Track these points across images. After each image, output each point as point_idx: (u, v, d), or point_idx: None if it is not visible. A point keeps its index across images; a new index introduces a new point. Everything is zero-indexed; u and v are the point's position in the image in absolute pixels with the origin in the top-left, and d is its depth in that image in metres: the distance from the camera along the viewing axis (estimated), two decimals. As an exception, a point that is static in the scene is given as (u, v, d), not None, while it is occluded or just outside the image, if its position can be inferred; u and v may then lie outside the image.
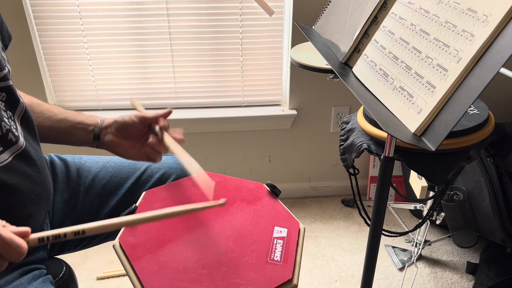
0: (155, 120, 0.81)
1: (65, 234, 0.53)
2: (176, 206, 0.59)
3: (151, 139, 0.79)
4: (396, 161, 0.88)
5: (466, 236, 1.40)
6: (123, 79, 1.65)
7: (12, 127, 0.67)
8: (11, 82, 0.69)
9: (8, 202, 0.66)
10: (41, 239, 0.53)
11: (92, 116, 0.85)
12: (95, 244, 0.92)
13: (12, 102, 0.70)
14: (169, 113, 0.82)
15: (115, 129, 0.82)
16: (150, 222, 0.59)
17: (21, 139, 0.69)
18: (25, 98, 0.82)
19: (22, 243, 0.51)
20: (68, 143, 0.85)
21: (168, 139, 0.78)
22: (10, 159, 0.66)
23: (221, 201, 0.61)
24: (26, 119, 0.73)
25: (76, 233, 0.54)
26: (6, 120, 0.66)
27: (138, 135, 0.82)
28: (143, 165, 0.92)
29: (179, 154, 0.75)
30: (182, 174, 0.92)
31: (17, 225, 0.68)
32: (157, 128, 0.80)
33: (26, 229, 0.52)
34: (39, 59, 1.57)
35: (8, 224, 0.51)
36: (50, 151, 0.94)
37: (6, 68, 0.68)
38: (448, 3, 0.66)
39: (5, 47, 0.73)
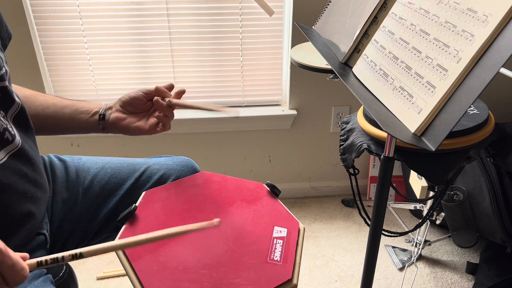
0: (158, 92, 0.83)
1: (63, 258, 0.55)
2: (171, 228, 0.59)
3: (159, 101, 0.82)
4: (396, 161, 0.88)
5: (466, 236, 1.40)
6: (123, 79, 1.65)
7: (8, 126, 0.68)
8: (7, 83, 0.69)
9: (3, 201, 0.66)
10: (39, 263, 0.54)
11: (95, 102, 0.87)
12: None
13: (7, 102, 0.70)
14: (172, 86, 0.86)
15: (120, 106, 0.84)
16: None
17: (17, 138, 0.69)
18: (27, 91, 0.83)
19: (25, 266, 0.51)
20: (73, 130, 0.86)
21: (174, 100, 0.84)
22: (5, 158, 0.66)
23: (215, 222, 0.61)
24: (21, 118, 0.73)
25: (74, 256, 0.55)
26: (2, 119, 0.67)
27: (144, 109, 0.85)
28: (142, 165, 0.92)
29: (189, 104, 0.81)
30: (181, 175, 0.92)
31: (16, 224, 0.69)
32: (160, 99, 0.83)
33: (25, 254, 0.53)
34: (39, 59, 1.57)
35: (8, 248, 0.51)
36: (50, 152, 0.94)
37: (4, 68, 0.68)
38: (448, 3, 0.66)
39: (4, 46, 0.73)
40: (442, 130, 0.60)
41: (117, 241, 0.58)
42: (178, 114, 1.67)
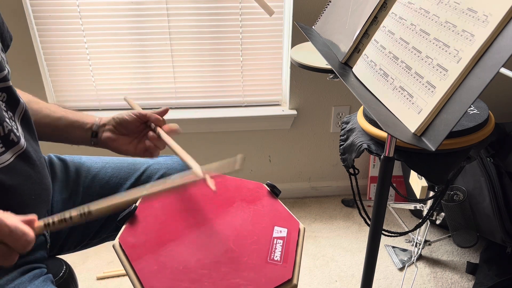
0: (152, 117, 0.82)
1: (70, 217, 0.52)
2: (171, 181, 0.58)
3: (150, 133, 0.81)
4: (396, 161, 0.88)
5: (466, 236, 1.40)
6: (123, 79, 1.65)
7: (13, 128, 0.67)
8: (10, 83, 0.69)
9: (9, 203, 0.66)
10: (47, 224, 0.52)
11: (89, 116, 0.86)
12: (95, 244, 0.92)
13: (13, 102, 0.70)
14: (166, 111, 0.84)
15: (113, 126, 0.83)
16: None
17: (22, 140, 0.69)
18: (23, 95, 0.82)
19: (28, 230, 0.49)
20: (66, 141, 0.85)
21: (164, 135, 0.81)
22: (12, 159, 0.66)
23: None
24: (26, 119, 0.73)
25: (82, 214, 0.53)
26: (7, 120, 0.66)
27: (135, 132, 0.84)
28: (142, 165, 0.92)
29: (175, 149, 0.78)
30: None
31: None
32: (153, 125, 0.82)
33: (32, 216, 0.51)
34: (39, 59, 1.57)
35: (12, 214, 0.50)
36: (50, 151, 0.94)
37: (6, 69, 0.68)
38: (448, 3, 0.66)
39: (7, 47, 0.74)
40: (442, 130, 0.60)
41: (125, 195, 0.56)
42: (178, 114, 1.68)
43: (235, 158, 0.65)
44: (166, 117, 0.85)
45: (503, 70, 1.04)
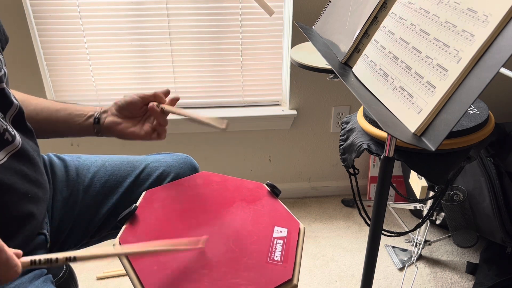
0: (154, 97, 0.82)
1: (56, 259, 0.55)
2: (162, 242, 0.61)
3: (150, 104, 0.81)
4: (396, 161, 0.88)
5: (466, 236, 1.40)
6: (123, 79, 1.65)
7: (8, 127, 0.68)
8: (4, 85, 0.69)
9: (5, 202, 0.66)
10: (33, 262, 0.54)
11: (88, 106, 0.86)
12: (95, 243, 0.92)
13: (5, 104, 0.70)
14: (168, 92, 0.85)
15: (116, 110, 0.83)
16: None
17: (18, 138, 0.69)
18: (20, 95, 0.83)
19: (19, 263, 0.51)
20: (67, 133, 0.85)
21: (168, 106, 0.82)
22: (5, 158, 0.66)
23: (201, 244, 0.64)
24: (19, 120, 0.73)
25: (68, 258, 0.55)
26: (2, 120, 0.67)
27: (139, 114, 0.84)
28: (142, 163, 0.93)
29: (181, 112, 0.80)
30: (180, 172, 0.92)
31: (17, 224, 0.69)
32: (155, 103, 0.82)
33: (19, 251, 0.53)
34: (39, 59, 1.57)
35: (3, 244, 0.51)
36: (49, 151, 0.94)
37: (2, 70, 0.68)
38: (448, 3, 0.66)
39: (2, 49, 0.73)
40: (442, 130, 0.60)
41: (110, 249, 0.59)
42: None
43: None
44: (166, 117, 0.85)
45: (503, 70, 1.04)
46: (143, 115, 0.84)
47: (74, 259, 0.55)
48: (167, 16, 1.55)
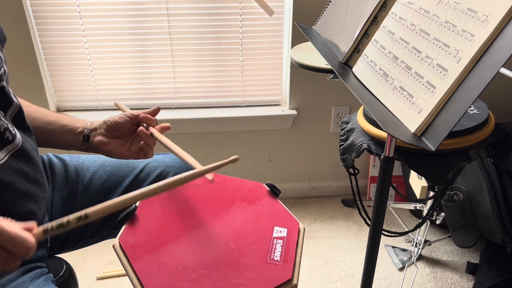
0: (143, 118, 0.82)
1: (68, 221, 0.53)
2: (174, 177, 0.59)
3: (140, 128, 0.81)
4: (396, 161, 0.88)
5: (466, 236, 1.40)
6: (123, 79, 1.65)
7: (9, 126, 0.68)
8: (5, 83, 0.69)
9: (5, 201, 0.66)
10: (45, 230, 0.53)
11: (80, 120, 0.86)
12: (95, 242, 0.92)
13: (5, 103, 0.70)
14: (157, 110, 0.84)
15: (105, 130, 0.83)
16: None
17: (18, 137, 0.69)
18: None
19: (29, 236, 0.50)
20: (57, 146, 0.85)
21: (157, 133, 0.81)
22: (6, 157, 0.66)
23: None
24: (20, 119, 0.73)
25: (79, 218, 0.53)
26: (2, 119, 0.67)
27: (128, 134, 0.84)
28: (141, 163, 0.93)
29: (169, 145, 0.78)
30: (180, 171, 0.92)
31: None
32: (144, 125, 0.82)
33: (31, 223, 0.52)
34: (39, 59, 1.57)
35: (13, 221, 0.51)
36: (48, 151, 0.94)
37: (2, 69, 0.68)
38: (448, 3, 0.66)
39: (1, 47, 0.73)
40: (442, 130, 0.60)
41: (122, 197, 0.57)
42: (178, 114, 1.68)
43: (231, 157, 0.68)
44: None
45: (503, 70, 1.04)
46: (132, 133, 0.84)
47: (86, 216, 0.54)
48: (167, 16, 1.55)
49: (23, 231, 0.50)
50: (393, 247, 1.60)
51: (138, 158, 0.84)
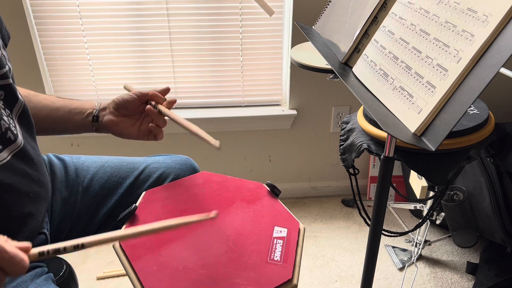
0: (152, 95, 0.82)
1: (64, 248, 0.54)
2: (169, 220, 0.59)
3: (148, 106, 0.80)
4: (396, 161, 0.88)
5: (466, 236, 1.40)
6: (123, 79, 1.65)
7: (11, 125, 0.67)
8: (11, 81, 0.69)
9: (6, 201, 0.66)
10: (41, 253, 0.54)
11: (88, 102, 0.86)
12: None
13: (11, 100, 0.70)
14: (167, 90, 0.84)
15: (114, 108, 0.83)
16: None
17: (20, 137, 0.69)
18: (21, 90, 0.83)
19: (25, 257, 0.51)
20: (67, 130, 0.85)
21: (164, 109, 0.80)
22: (8, 157, 0.66)
23: (213, 214, 0.60)
24: (24, 117, 0.73)
25: (76, 246, 0.55)
26: (5, 118, 0.66)
27: (137, 112, 0.84)
28: (141, 164, 0.93)
29: (175, 118, 0.78)
30: (180, 173, 0.92)
31: (18, 223, 0.69)
32: (153, 103, 0.81)
33: (27, 244, 0.53)
34: (39, 59, 1.57)
35: (9, 239, 0.51)
36: (49, 151, 0.94)
37: (7, 66, 0.68)
38: (448, 3, 0.66)
39: (5, 45, 0.73)
40: (442, 130, 0.60)
41: (117, 232, 0.57)
42: (178, 114, 1.67)
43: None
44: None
45: (503, 70, 1.04)
46: (142, 112, 0.84)
47: (82, 246, 0.55)
48: (167, 16, 1.55)
49: (19, 251, 0.51)
50: (393, 247, 1.60)
51: (148, 139, 0.84)
